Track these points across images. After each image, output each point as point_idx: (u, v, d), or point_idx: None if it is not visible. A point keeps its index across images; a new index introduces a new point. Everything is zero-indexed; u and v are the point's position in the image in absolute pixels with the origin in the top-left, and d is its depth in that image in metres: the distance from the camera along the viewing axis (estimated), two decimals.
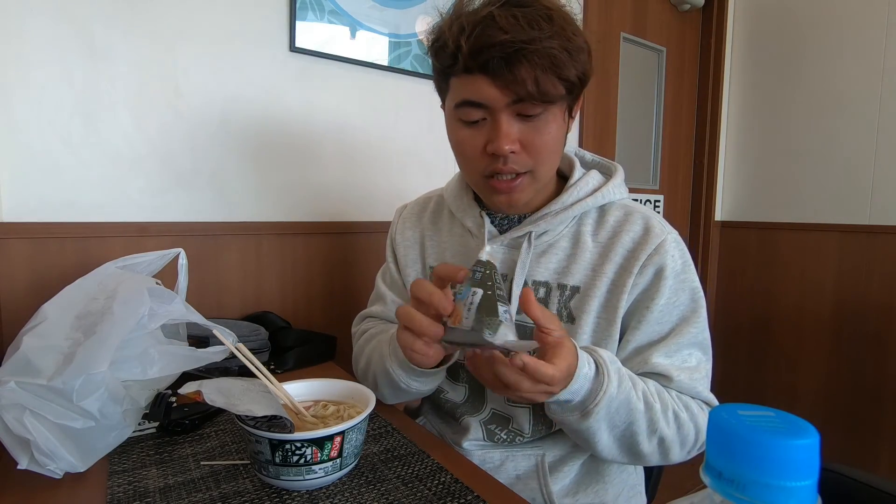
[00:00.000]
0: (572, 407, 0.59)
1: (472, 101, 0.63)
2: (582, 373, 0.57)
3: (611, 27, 1.88)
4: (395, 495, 0.55)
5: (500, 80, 0.60)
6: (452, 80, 0.66)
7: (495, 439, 0.76)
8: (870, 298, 1.84)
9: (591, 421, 0.59)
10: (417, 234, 0.86)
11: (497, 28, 0.59)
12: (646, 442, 0.63)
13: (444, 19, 0.65)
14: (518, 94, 0.61)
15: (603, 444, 0.63)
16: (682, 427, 0.65)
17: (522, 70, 0.59)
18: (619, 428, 0.62)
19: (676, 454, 0.66)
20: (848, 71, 1.87)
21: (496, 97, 0.62)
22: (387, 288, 0.88)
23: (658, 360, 0.67)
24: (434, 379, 0.70)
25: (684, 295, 0.70)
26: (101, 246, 0.97)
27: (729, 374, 2.24)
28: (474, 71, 0.61)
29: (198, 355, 0.63)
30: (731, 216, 2.26)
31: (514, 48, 0.58)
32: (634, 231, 0.71)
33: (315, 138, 1.21)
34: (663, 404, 0.64)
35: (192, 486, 0.56)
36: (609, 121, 1.92)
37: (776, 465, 0.21)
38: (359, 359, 0.82)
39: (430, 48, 0.68)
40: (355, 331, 0.90)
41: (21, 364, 0.56)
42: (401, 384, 0.68)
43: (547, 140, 0.65)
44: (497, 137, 0.63)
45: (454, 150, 0.71)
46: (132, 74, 0.99)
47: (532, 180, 0.68)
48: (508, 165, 0.65)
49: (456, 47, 0.61)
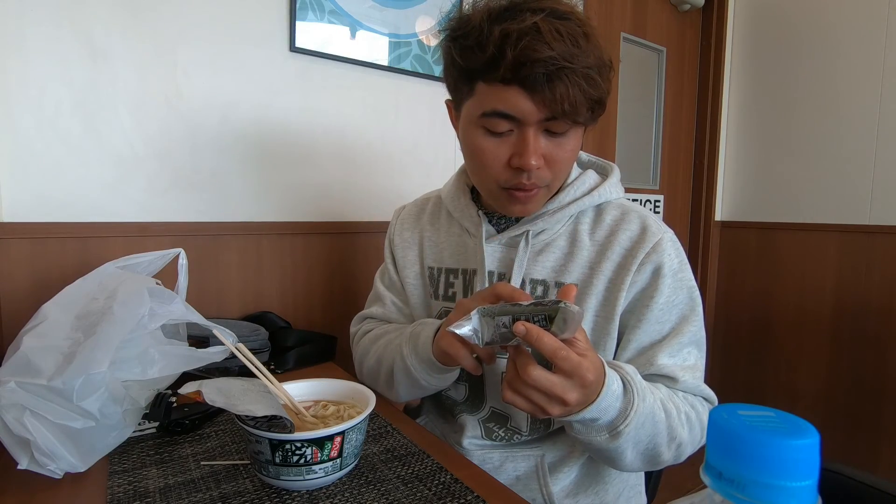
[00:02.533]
0: (600, 427, 0.57)
1: (506, 113, 0.61)
2: (610, 390, 0.55)
3: (611, 27, 1.88)
4: (395, 495, 0.55)
5: (539, 95, 0.59)
6: (481, 84, 0.62)
7: (493, 437, 0.76)
8: (870, 298, 1.84)
9: (621, 441, 0.58)
10: (416, 235, 0.86)
11: (543, 42, 0.57)
12: (666, 451, 0.63)
13: (475, 14, 0.62)
14: (553, 111, 0.60)
15: (628, 461, 0.62)
16: (694, 428, 0.65)
17: (560, 88, 0.58)
18: (644, 443, 0.61)
19: (688, 452, 0.67)
20: (848, 71, 1.87)
21: (531, 112, 0.60)
22: (385, 289, 0.88)
23: (663, 360, 0.67)
24: (454, 374, 0.71)
25: (682, 293, 0.70)
26: (101, 246, 0.97)
27: (729, 374, 2.24)
28: (512, 83, 0.59)
29: (198, 355, 0.63)
30: (731, 216, 2.26)
31: (557, 66, 0.57)
32: (631, 230, 0.71)
33: (315, 138, 1.21)
34: (677, 409, 0.64)
35: (192, 486, 0.56)
36: (609, 121, 1.92)
37: (776, 465, 0.21)
38: (364, 359, 0.82)
39: (456, 43, 0.63)
40: (354, 331, 0.90)
41: (21, 364, 0.56)
42: (422, 381, 0.69)
43: (567, 156, 0.66)
44: (525, 153, 0.62)
45: (471, 156, 0.69)
46: (132, 74, 0.99)
47: (547, 192, 0.70)
48: (532, 181, 0.65)
49: (499, 54, 0.58)
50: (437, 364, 0.66)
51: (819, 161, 1.96)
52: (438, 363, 0.65)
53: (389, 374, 0.74)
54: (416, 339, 0.69)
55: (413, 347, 0.69)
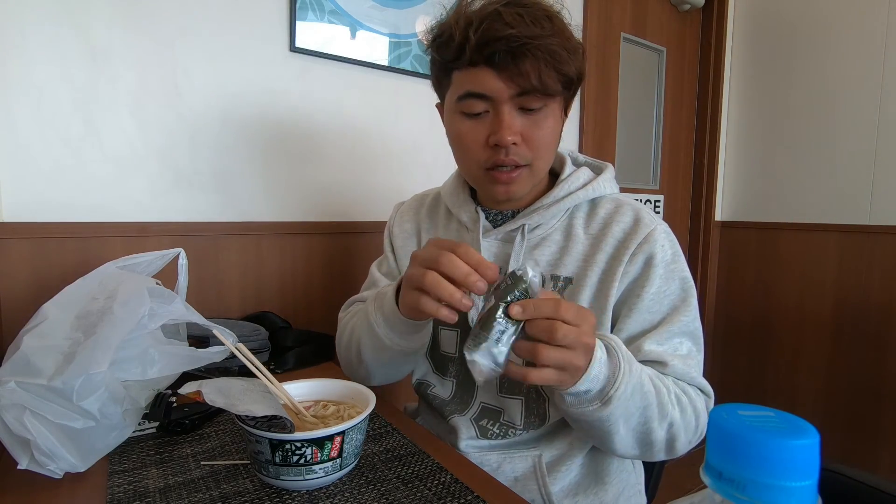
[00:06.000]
0: (592, 397, 0.57)
1: (477, 92, 0.65)
2: (597, 357, 0.55)
3: (611, 27, 1.88)
4: (395, 495, 0.55)
5: (506, 72, 0.63)
6: (455, 73, 0.68)
7: (489, 435, 0.76)
8: (870, 298, 1.84)
9: (612, 408, 0.57)
10: (414, 227, 0.87)
11: (503, 23, 0.61)
12: (658, 428, 0.62)
13: (447, 16, 0.68)
14: (522, 86, 0.64)
15: (621, 437, 0.61)
16: (685, 411, 0.64)
17: (527, 64, 0.62)
18: (634, 417, 0.60)
19: (682, 441, 0.65)
20: (848, 71, 1.87)
21: (501, 89, 0.64)
22: (382, 276, 0.88)
23: (650, 347, 0.67)
24: (421, 335, 0.69)
25: (674, 284, 0.70)
26: (101, 246, 0.97)
27: (729, 374, 2.24)
28: (480, 64, 0.64)
29: (198, 355, 0.63)
30: (731, 216, 2.26)
31: (519, 42, 0.61)
32: (625, 222, 0.72)
33: (315, 138, 1.22)
34: (667, 389, 0.63)
35: (192, 486, 0.56)
36: (609, 121, 1.92)
37: (776, 465, 0.21)
38: (341, 336, 0.81)
39: (432, 43, 0.70)
40: (342, 316, 0.88)
41: (21, 364, 0.55)
42: (385, 340, 0.67)
43: (545, 134, 0.68)
44: (500, 129, 0.65)
45: (454, 143, 0.73)
46: (132, 74, 0.99)
47: (530, 174, 0.70)
48: (510, 157, 0.67)
49: (464, 39, 0.63)
50: (401, 318, 0.64)
51: (819, 161, 1.96)
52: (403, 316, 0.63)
53: (358, 346, 0.73)
54: (382, 298, 0.68)
55: (379, 306, 0.68)
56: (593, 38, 1.81)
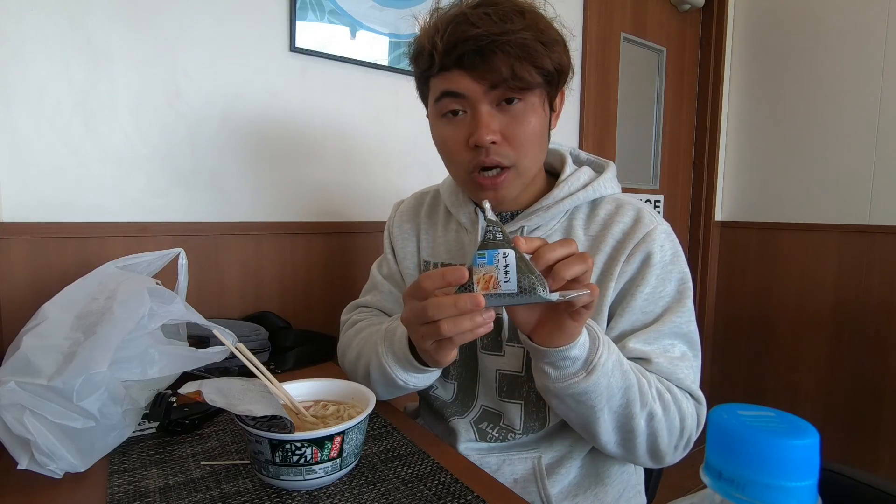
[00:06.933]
0: (577, 368, 0.57)
1: (450, 90, 0.65)
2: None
3: (611, 27, 1.88)
4: (395, 495, 0.55)
5: (476, 71, 0.62)
6: (432, 81, 0.67)
7: (488, 438, 0.76)
8: (870, 298, 1.84)
9: (596, 377, 0.56)
10: (414, 228, 0.87)
11: (469, 24, 0.61)
12: (640, 414, 0.61)
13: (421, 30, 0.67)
14: (493, 82, 0.62)
15: (604, 418, 0.61)
16: (668, 408, 0.63)
17: (497, 60, 0.61)
18: (616, 398, 0.60)
19: (665, 442, 0.63)
20: (848, 71, 1.87)
21: (474, 88, 0.63)
22: (383, 278, 0.88)
23: (636, 345, 0.66)
24: (432, 374, 0.69)
25: (671, 286, 0.69)
26: (101, 246, 0.97)
27: (729, 374, 2.24)
28: (451, 67, 0.63)
29: (198, 355, 0.63)
30: (731, 216, 2.26)
31: (487, 40, 0.60)
32: (625, 222, 0.71)
33: (315, 138, 1.22)
34: (647, 380, 0.62)
35: (192, 486, 0.56)
36: (609, 121, 1.92)
37: (776, 465, 0.21)
38: (346, 350, 0.81)
39: (410, 57, 0.70)
40: (345, 319, 0.89)
41: (21, 364, 0.56)
42: (398, 381, 0.67)
43: (527, 130, 0.66)
44: (478, 128, 0.64)
45: (439, 148, 0.72)
46: (132, 74, 0.99)
47: (517, 175, 0.68)
48: (491, 157, 0.65)
49: (432, 47, 0.63)
50: (412, 363, 0.64)
51: (819, 161, 1.96)
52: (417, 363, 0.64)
53: (366, 372, 0.73)
54: (392, 336, 0.67)
55: (389, 345, 0.67)
56: (593, 38, 1.81)
